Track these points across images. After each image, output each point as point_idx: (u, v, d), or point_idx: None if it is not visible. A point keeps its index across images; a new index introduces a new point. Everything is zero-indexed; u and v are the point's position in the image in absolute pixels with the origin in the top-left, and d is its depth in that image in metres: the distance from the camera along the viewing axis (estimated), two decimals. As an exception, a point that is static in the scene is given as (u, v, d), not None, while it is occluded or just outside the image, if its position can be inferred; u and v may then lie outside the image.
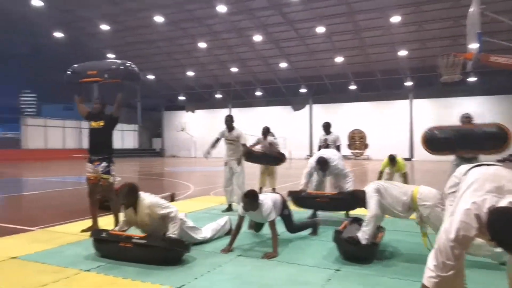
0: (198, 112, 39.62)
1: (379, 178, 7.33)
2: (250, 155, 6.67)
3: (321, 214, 5.79)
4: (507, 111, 28.33)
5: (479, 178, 2.16)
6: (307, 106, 34.83)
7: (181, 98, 39.60)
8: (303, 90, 34.19)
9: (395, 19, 23.02)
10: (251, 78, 34.92)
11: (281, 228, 4.34)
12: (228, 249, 3.98)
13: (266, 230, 4.47)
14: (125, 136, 38.10)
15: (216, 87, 37.16)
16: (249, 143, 6.79)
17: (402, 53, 26.54)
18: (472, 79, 28.51)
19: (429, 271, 1.96)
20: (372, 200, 3.69)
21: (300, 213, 5.46)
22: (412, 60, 28.18)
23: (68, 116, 37.89)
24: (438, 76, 27.71)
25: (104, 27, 26.84)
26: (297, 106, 34.88)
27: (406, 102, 31.38)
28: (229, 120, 6.68)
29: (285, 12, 24.51)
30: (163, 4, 24.08)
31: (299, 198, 5.37)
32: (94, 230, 4.07)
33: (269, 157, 7.13)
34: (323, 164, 5.49)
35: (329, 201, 5.25)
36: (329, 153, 5.76)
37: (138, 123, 40.15)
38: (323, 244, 4.25)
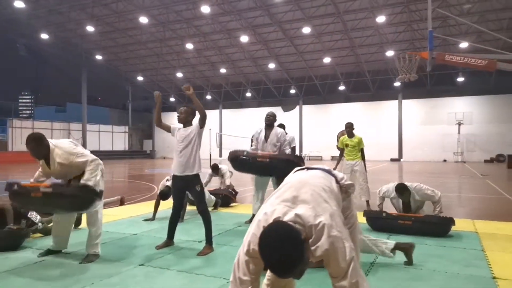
0: (189, 114, 39.47)
1: (340, 156, 7.04)
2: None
3: None
4: (496, 110, 28.51)
5: (286, 184, 1.95)
6: (297, 107, 34.81)
7: (172, 99, 39.48)
8: (293, 91, 34.17)
9: (381, 19, 23.05)
10: (242, 79, 34.88)
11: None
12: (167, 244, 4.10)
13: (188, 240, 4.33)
14: (115, 138, 37.86)
15: (207, 88, 37.07)
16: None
17: (390, 53, 26.62)
18: (461, 79, 28.65)
19: None
20: None
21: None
22: (404, 53, 28.24)
23: (59, 118, 37.67)
24: (428, 75, 28.03)
25: (94, 28, 26.69)
26: (288, 107, 34.86)
27: (395, 103, 31.45)
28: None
29: (273, 13, 24.49)
30: (151, 5, 24.00)
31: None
32: (7, 184, 3.77)
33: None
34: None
35: None
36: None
37: (129, 125, 39.95)
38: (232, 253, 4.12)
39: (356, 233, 2.36)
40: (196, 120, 4.38)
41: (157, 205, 5.77)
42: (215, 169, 7.96)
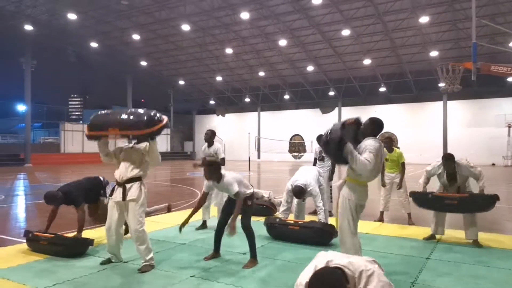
0: (228, 116, 40.22)
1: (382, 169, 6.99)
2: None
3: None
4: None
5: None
6: (336, 109, 34.45)
7: (212, 102, 40.36)
8: (331, 93, 33.88)
9: (424, 19, 22.35)
10: (280, 82, 35.05)
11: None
12: (183, 224, 4.26)
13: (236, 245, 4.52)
14: (158, 140, 39.21)
15: (245, 91, 37.57)
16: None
17: (434, 53, 25.74)
18: (510, 78, 27.17)
19: None
20: None
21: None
22: (445, 60, 27.24)
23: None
24: (472, 77, 26.80)
25: (138, 36, 27.90)
26: (326, 109, 34.60)
27: (439, 104, 30.34)
28: (208, 134, 6.55)
29: (311, 16, 24.46)
30: (192, 12, 24.72)
31: (273, 227, 5.44)
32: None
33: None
34: (299, 194, 5.53)
35: (299, 229, 5.28)
36: (306, 178, 5.67)
37: (170, 127, 41.26)
38: (279, 265, 4.27)
39: None
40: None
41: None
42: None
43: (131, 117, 4.17)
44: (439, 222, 5.39)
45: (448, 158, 5.29)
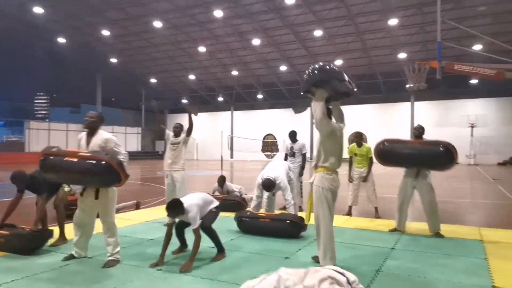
0: (201, 115, 39.86)
1: (350, 164, 7.14)
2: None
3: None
4: (509, 113, 28.17)
5: None
6: (309, 109, 34.84)
7: (185, 101, 39.96)
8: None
9: (394, 21, 23.02)
10: (253, 81, 35.13)
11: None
12: (159, 263, 3.90)
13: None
14: (128, 139, 38.50)
15: (218, 90, 37.43)
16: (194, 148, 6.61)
17: (403, 55, 26.51)
18: (474, 81, 28.38)
19: None
20: None
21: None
22: (413, 62, 28.13)
23: (73, 119, 38.39)
24: (438, 79, 27.85)
25: (109, 32, 27.24)
26: (299, 109, 34.95)
27: (407, 105, 31.28)
28: (178, 128, 6.46)
29: (285, 16, 24.65)
30: (165, 9, 24.38)
31: (243, 220, 5.42)
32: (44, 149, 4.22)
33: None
34: (268, 187, 5.57)
35: (270, 221, 5.27)
36: (275, 171, 5.75)
37: (142, 126, 40.55)
38: (247, 257, 4.28)
39: None
40: None
41: None
42: (221, 182, 7.66)
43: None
44: (402, 217, 5.56)
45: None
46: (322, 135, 3.90)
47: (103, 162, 3.69)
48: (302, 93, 4.12)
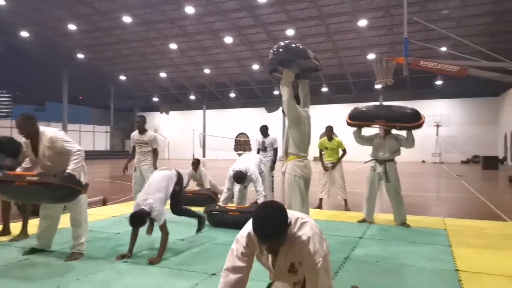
0: (173, 114, 39.33)
1: (320, 157, 7.26)
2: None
3: None
4: (473, 113, 29.45)
5: None
6: (281, 108, 35.07)
7: (155, 99, 39.30)
8: (276, 92, 34.43)
9: (363, 22, 23.56)
10: (226, 80, 34.98)
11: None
12: (126, 256, 3.77)
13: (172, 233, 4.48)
14: (96, 138, 37.44)
15: (190, 88, 37.01)
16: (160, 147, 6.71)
17: (372, 56, 27.16)
18: (439, 82, 29.48)
19: None
20: None
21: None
22: (381, 58, 28.87)
23: (38, 117, 36.77)
24: (407, 78, 28.76)
25: (76, 27, 26.35)
26: (271, 108, 35.12)
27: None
28: (140, 122, 6.43)
29: (257, 15, 24.68)
30: (135, 4, 23.84)
31: (213, 214, 5.36)
32: None
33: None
34: (239, 179, 5.56)
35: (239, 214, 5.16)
36: (246, 163, 5.77)
37: (111, 125, 39.53)
38: (217, 248, 4.26)
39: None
40: None
41: None
42: (196, 164, 7.81)
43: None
44: (370, 208, 5.68)
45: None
46: (289, 120, 3.92)
47: (54, 184, 3.41)
48: (269, 74, 4.11)
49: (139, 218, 3.69)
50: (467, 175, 16.11)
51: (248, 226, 2.06)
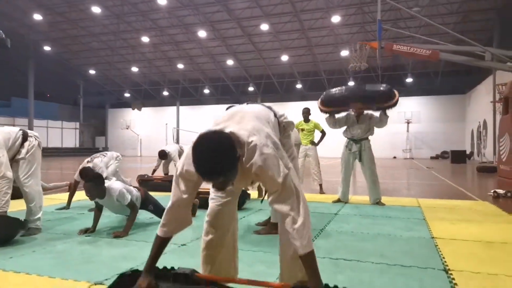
0: (145, 110, 38.49)
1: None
2: None
3: None
4: (441, 110, 30.34)
5: (222, 114, 2.10)
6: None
7: (127, 95, 38.35)
8: (251, 88, 34.35)
9: (336, 19, 23.78)
10: (200, 76, 34.56)
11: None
12: (89, 230, 3.53)
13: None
14: (65, 134, 36.15)
15: (163, 84, 36.34)
16: None
17: (345, 53, 27.51)
18: (409, 79, 30.21)
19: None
20: None
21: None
22: (355, 43, 29.29)
23: (3, 113, 35.24)
24: (379, 76, 29.33)
25: (42, 17, 25.29)
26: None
27: (350, 101, 32.51)
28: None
29: (231, 9, 24.47)
30: (104, -5, 23.16)
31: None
32: None
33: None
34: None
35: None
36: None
37: (80, 121, 38.27)
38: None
39: (297, 164, 2.75)
40: None
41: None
42: (163, 156, 8.02)
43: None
44: (345, 189, 5.63)
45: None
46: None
47: None
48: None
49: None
50: (437, 167, 16.52)
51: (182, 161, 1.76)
